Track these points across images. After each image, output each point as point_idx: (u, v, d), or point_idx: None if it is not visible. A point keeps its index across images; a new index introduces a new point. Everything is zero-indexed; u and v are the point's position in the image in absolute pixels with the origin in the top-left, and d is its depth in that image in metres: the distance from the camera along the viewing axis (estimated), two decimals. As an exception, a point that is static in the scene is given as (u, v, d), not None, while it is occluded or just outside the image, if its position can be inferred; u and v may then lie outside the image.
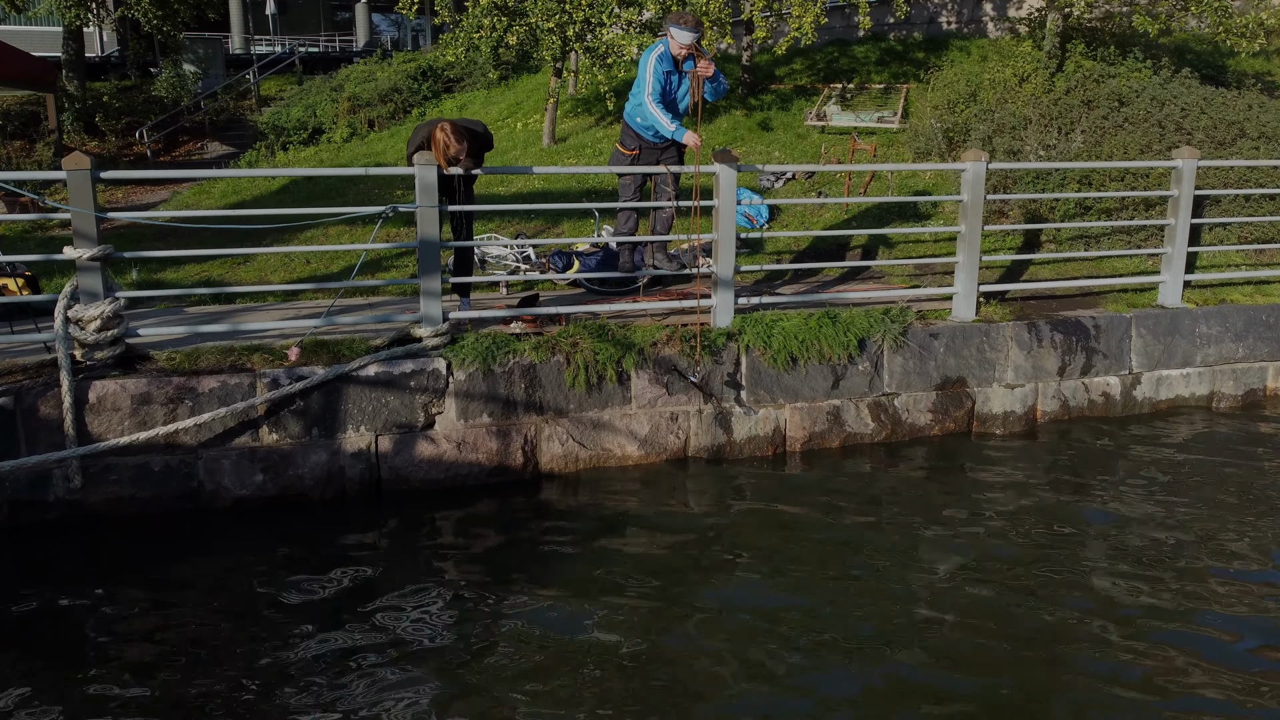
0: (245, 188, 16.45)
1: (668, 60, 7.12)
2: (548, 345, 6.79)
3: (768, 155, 12.47)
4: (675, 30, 7.00)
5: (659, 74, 7.06)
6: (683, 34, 6.96)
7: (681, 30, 6.96)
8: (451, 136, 6.48)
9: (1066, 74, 11.37)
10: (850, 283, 9.11)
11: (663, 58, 7.11)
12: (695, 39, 7.01)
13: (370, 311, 7.60)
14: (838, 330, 7.30)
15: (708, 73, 7.03)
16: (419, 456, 6.51)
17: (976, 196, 7.68)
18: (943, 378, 7.68)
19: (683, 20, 7.00)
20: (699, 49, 7.09)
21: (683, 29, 6.96)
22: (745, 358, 7.17)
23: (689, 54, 7.11)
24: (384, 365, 6.45)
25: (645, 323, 7.27)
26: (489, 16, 12.57)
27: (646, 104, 7.01)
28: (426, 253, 6.57)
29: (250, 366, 6.31)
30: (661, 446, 7.03)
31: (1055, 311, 8.26)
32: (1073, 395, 8.06)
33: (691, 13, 7.00)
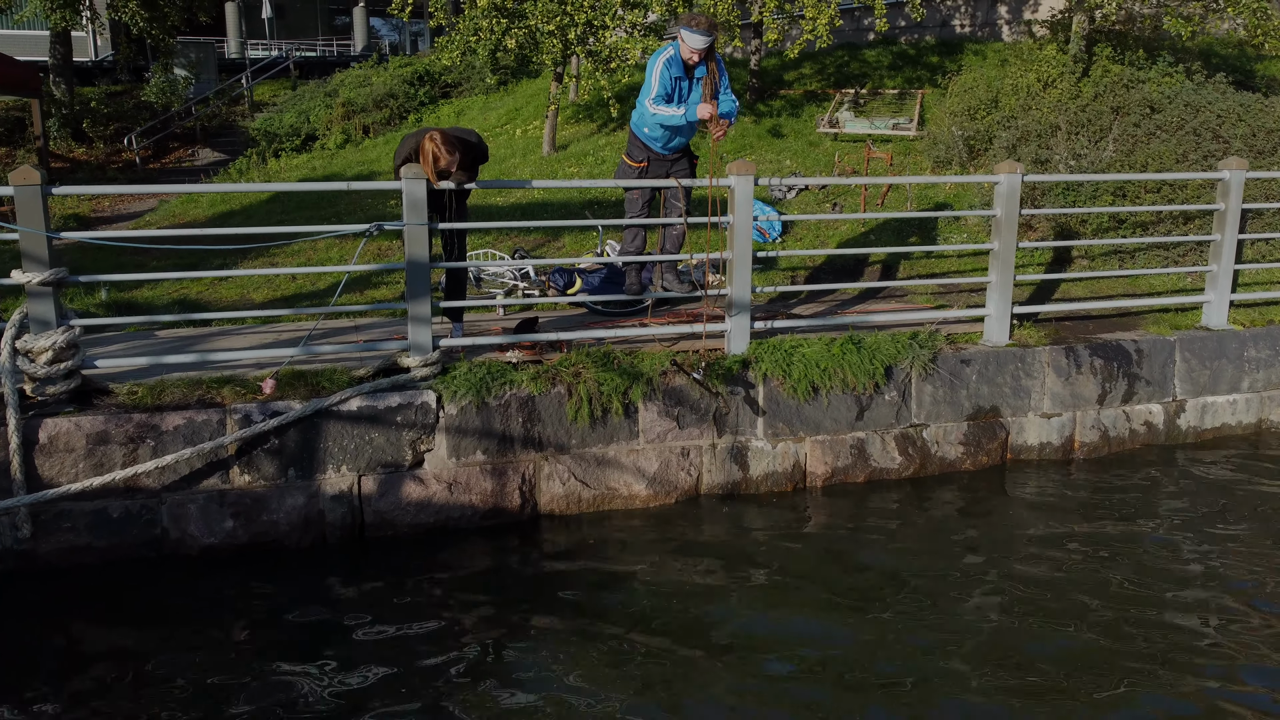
0: (234, 197, 15.87)
1: (677, 65, 6.54)
2: (547, 375, 6.21)
3: (778, 164, 11.90)
4: (686, 33, 6.42)
5: (666, 79, 6.48)
6: (694, 37, 6.38)
7: (693, 33, 6.38)
8: (442, 147, 5.91)
9: (1094, 79, 10.80)
10: (871, 302, 8.54)
11: (671, 62, 6.53)
12: (708, 43, 6.41)
13: (356, 336, 7.03)
14: (863, 357, 6.72)
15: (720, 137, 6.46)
16: (406, 498, 5.92)
17: (1011, 211, 7.11)
18: (975, 407, 7.10)
19: (694, 22, 6.41)
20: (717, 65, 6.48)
21: (694, 31, 6.38)
22: (763, 387, 6.60)
23: (701, 60, 6.51)
24: (368, 399, 5.87)
25: (654, 348, 6.70)
26: (487, 18, 12.00)
27: (646, 106, 6.43)
28: (415, 275, 6.00)
29: (220, 401, 5.73)
30: (672, 485, 6.45)
31: (1093, 334, 7.68)
32: (1113, 425, 7.48)
33: (704, 14, 6.42)
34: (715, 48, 6.56)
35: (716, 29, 6.43)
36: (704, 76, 6.52)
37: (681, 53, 6.46)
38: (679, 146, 6.73)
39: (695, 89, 6.57)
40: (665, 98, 6.46)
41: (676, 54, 6.49)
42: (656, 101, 6.46)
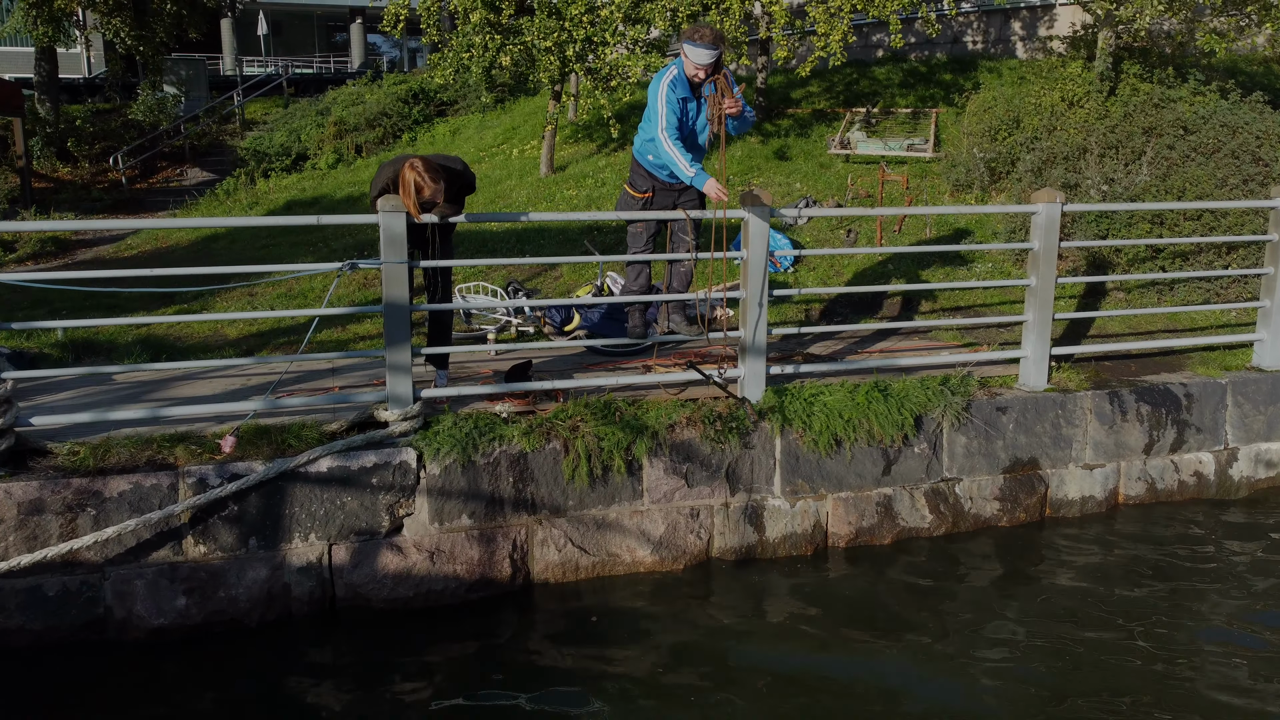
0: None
1: (683, 85, 5.90)
2: (541, 430, 5.58)
3: (787, 187, 11.30)
4: (690, 48, 5.78)
5: (674, 104, 5.83)
6: (699, 52, 5.75)
7: (697, 48, 5.74)
8: (424, 176, 5.28)
9: (1122, 98, 10.21)
10: (893, 339, 7.91)
11: (676, 83, 5.89)
12: (714, 58, 5.78)
13: (332, 382, 6.40)
14: (890, 406, 6.09)
15: (734, 110, 5.79)
16: (383, 570, 5.28)
17: (1050, 244, 6.49)
18: (1012, 459, 6.46)
19: (697, 35, 5.77)
20: (725, 78, 5.85)
21: (699, 46, 5.74)
22: (780, 440, 5.96)
23: (708, 77, 5.89)
24: (339, 458, 5.23)
25: (660, 396, 6.07)
26: (480, 35, 11.41)
27: (661, 141, 5.77)
28: (393, 319, 5.37)
29: (173, 462, 5.09)
30: (680, 549, 5.80)
31: (1137, 376, 7.05)
32: (1160, 476, 6.84)
33: (710, 27, 5.78)
34: (722, 61, 5.92)
35: (723, 41, 5.79)
36: (711, 95, 5.88)
37: (686, 70, 5.83)
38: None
39: (704, 110, 5.93)
40: (678, 125, 5.81)
41: (680, 74, 5.86)
42: (671, 136, 5.79)
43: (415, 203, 5.30)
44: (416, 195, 5.30)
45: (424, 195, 5.32)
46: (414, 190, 5.29)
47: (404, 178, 5.30)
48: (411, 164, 5.32)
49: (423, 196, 5.33)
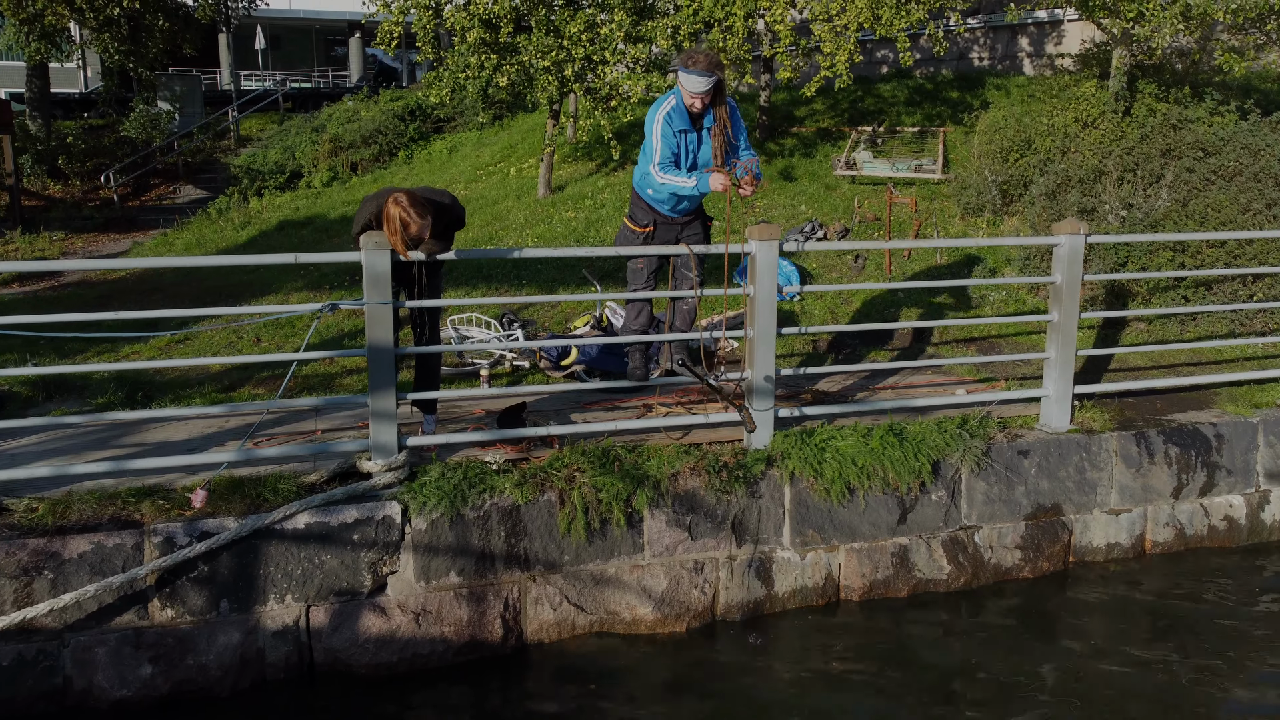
0: (210, 239, 15.00)
1: (680, 117, 5.50)
2: (535, 480, 5.22)
3: (792, 209, 10.97)
4: (685, 75, 5.35)
5: (670, 137, 5.45)
6: (693, 79, 5.32)
7: (691, 75, 5.31)
8: (410, 211, 4.94)
9: (1138, 119, 9.88)
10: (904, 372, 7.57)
11: (674, 115, 5.50)
12: (710, 85, 5.36)
13: (315, 425, 6.05)
14: (906, 452, 5.74)
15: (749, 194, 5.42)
16: (365, 632, 4.92)
17: (1073, 278, 6.15)
18: (1034, 505, 6.11)
19: (691, 61, 5.34)
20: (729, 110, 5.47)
21: (692, 72, 5.31)
22: (790, 489, 5.61)
23: (707, 106, 5.49)
24: (318, 514, 4.88)
25: (661, 440, 5.72)
26: (476, 54, 11.08)
27: (654, 175, 5.42)
28: (377, 363, 5.03)
29: (138, 519, 4.74)
30: (683, 606, 5.44)
31: (1163, 415, 6.70)
32: (1190, 521, 6.49)
33: (706, 51, 5.39)
34: (723, 88, 5.53)
35: (721, 67, 5.39)
36: (713, 126, 5.53)
37: (684, 99, 5.46)
38: (690, 209, 5.75)
39: (705, 143, 5.56)
40: (673, 159, 5.46)
41: (679, 103, 5.47)
42: (664, 167, 5.44)
43: (401, 240, 4.96)
44: (403, 232, 4.96)
45: (411, 232, 4.98)
46: (400, 227, 4.95)
47: (389, 214, 4.95)
48: (396, 199, 4.98)
49: (409, 233, 4.98)
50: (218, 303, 10.48)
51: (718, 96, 5.42)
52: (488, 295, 9.54)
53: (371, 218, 5.08)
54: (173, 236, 15.79)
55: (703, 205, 5.90)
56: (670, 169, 5.42)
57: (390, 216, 4.95)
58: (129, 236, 17.43)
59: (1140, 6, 9.07)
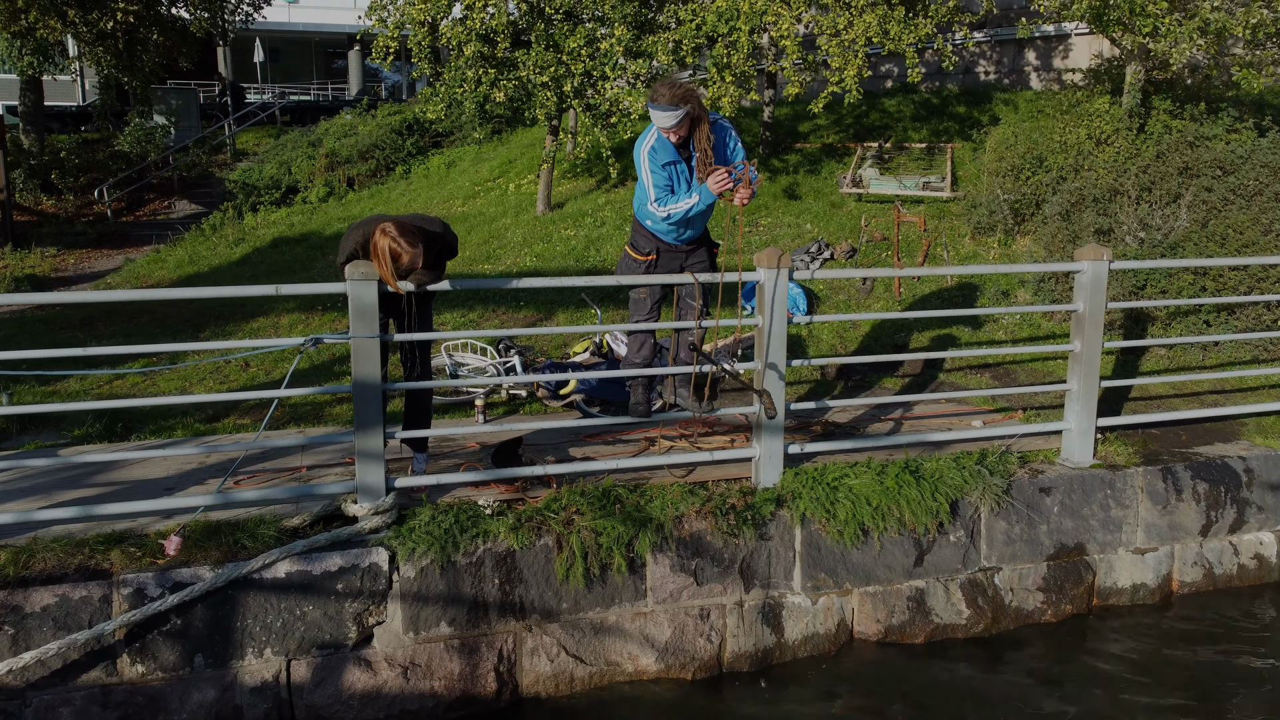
0: (204, 256, 14.72)
1: (665, 149, 5.18)
2: (531, 524, 4.92)
3: (798, 228, 10.69)
4: (653, 112, 5.06)
5: (659, 173, 5.16)
6: (660, 115, 5.02)
7: (657, 110, 5.01)
8: (401, 241, 4.65)
9: (1153, 135, 9.61)
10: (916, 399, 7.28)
11: (658, 148, 5.19)
12: (678, 119, 5.02)
13: (301, 461, 5.76)
14: (923, 491, 5.44)
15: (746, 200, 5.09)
16: (349, 688, 4.61)
17: (1096, 306, 5.86)
18: (1057, 545, 5.81)
19: (656, 97, 5.02)
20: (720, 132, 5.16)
21: (657, 108, 5.00)
22: (800, 530, 5.31)
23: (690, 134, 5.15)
24: (300, 561, 4.58)
25: (664, 479, 5.42)
26: (473, 69, 10.82)
27: (655, 212, 5.14)
28: (363, 400, 4.73)
29: (107, 568, 4.44)
30: (688, 655, 5.13)
31: (1189, 448, 6.41)
32: (1218, 559, 6.18)
33: (669, 82, 5.04)
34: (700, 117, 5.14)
35: (688, 98, 5.01)
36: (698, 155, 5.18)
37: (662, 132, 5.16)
38: (694, 236, 5.45)
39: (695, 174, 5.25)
40: (668, 190, 5.15)
41: (660, 136, 5.17)
42: (661, 202, 5.15)
43: (392, 271, 4.68)
44: (393, 264, 4.68)
45: (402, 263, 4.70)
46: (390, 258, 4.66)
47: (377, 245, 4.66)
48: (384, 229, 4.69)
49: (400, 264, 4.70)
50: (207, 324, 10.20)
51: (698, 126, 5.10)
52: (484, 317, 9.26)
53: (358, 247, 4.79)
54: (165, 253, 15.51)
55: (708, 232, 5.61)
56: (668, 200, 5.13)
57: (379, 248, 4.66)
58: (122, 252, 17.15)
59: (1155, 21, 8.82)
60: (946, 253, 9.59)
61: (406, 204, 16.04)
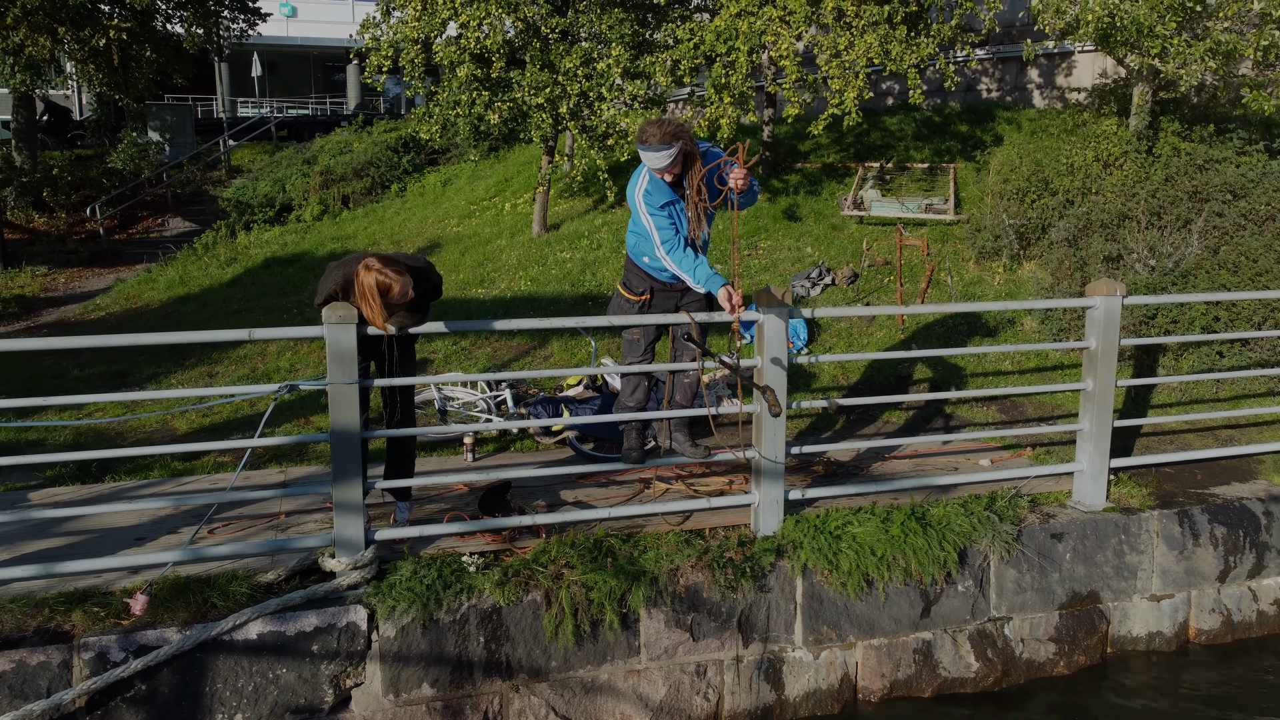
0: (195, 277, 14.51)
1: (660, 190, 4.94)
2: (519, 579, 4.68)
3: (798, 251, 10.47)
4: (643, 153, 4.83)
5: (660, 216, 4.92)
6: (651, 156, 4.79)
7: (648, 151, 4.78)
8: (388, 271, 4.42)
9: (1162, 158, 9.39)
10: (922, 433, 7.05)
11: (653, 190, 4.95)
12: (669, 159, 4.79)
13: (279, 506, 5.51)
14: (930, 539, 5.20)
15: (742, 184, 4.83)
16: (325, 755, 4.36)
17: (1109, 343, 5.62)
18: (1069, 594, 5.56)
19: (645, 137, 4.78)
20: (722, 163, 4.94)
21: (647, 148, 4.77)
22: (802, 581, 5.06)
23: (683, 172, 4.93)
24: (273, 621, 4.33)
25: (659, 527, 5.18)
26: (467, 91, 10.61)
27: (662, 259, 4.91)
28: (341, 449, 4.50)
29: (69, 630, 4.19)
30: (684, 714, 4.89)
31: (1206, 488, 6.17)
32: (1237, 606, 5.93)
33: (657, 121, 4.78)
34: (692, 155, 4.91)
35: (680, 135, 4.77)
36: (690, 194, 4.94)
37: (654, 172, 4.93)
38: None
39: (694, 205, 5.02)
40: (675, 234, 4.89)
41: (653, 177, 4.94)
42: (670, 249, 4.91)
43: (380, 309, 4.45)
44: (382, 298, 4.44)
45: (392, 295, 4.46)
46: (378, 293, 4.42)
47: (361, 283, 4.43)
48: (368, 264, 4.46)
49: (390, 298, 4.46)
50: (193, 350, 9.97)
51: (689, 162, 4.87)
52: (476, 344, 9.03)
53: (337, 288, 4.56)
54: (157, 273, 15.29)
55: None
56: (677, 249, 4.87)
57: (364, 286, 4.43)
58: (113, 271, 16.94)
59: (1164, 43, 8.60)
60: (950, 278, 9.36)
61: (401, 223, 15.82)
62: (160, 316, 12.25)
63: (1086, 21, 8.37)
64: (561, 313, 9.61)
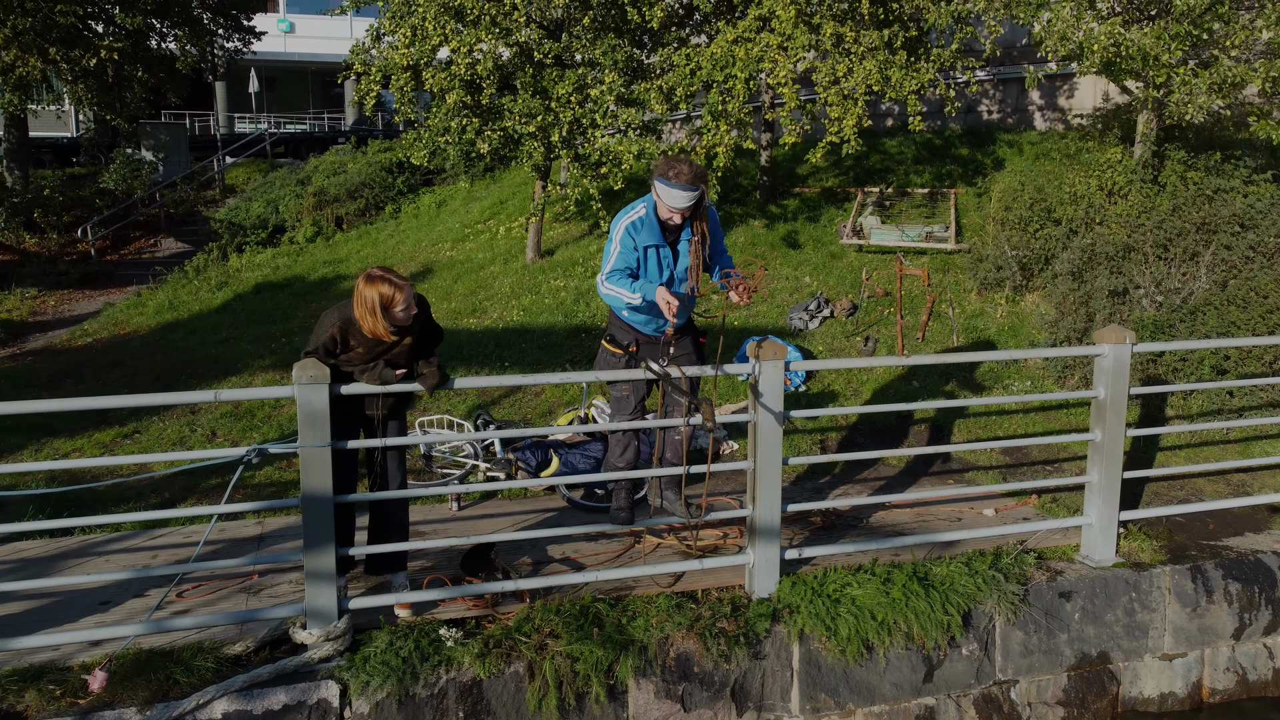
0: (184, 301, 14.29)
1: (650, 230, 4.72)
2: (500, 650, 4.45)
3: (796, 281, 10.26)
4: (664, 188, 4.57)
5: (629, 250, 4.71)
6: (674, 193, 4.57)
7: (672, 188, 4.55)
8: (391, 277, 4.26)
9: (1168, 188, 9.18)
10: (922, 480, 6.83)
11: (641, 226, 4.73)
12: (693, 200, 4.60)
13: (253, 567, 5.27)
14: (933, 601, 4.96)
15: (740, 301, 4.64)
16: (294, 840, 4.12)
17: (1119, 392, 5.40)
18: (1078, 655, 5.33)
19: (673, 172, 4.54)
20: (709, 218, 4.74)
21: (674, 186, 4.54)
22: (799, 647, 4.83)
23: (686, 220, 4.74)
24: (240, 699, 4.10)
25: (650, 589, 4.95)
26: (456, 119, 10.40)
27: (599, 285, 4.73)
28: (313, 515, 4.27)
29: (21, 711, 3.96)
30: (674, 789, 4.65)
31: (1218, 539, 5.94)
32: (1253, 664, 5.70)
33: (690, 160, 4.58)
34: (704, 199, 4.76)
35: (705, 178, 4.61)
36: (693, 240, 4.76)
37: (659, 212, 4.70)
38: (678, 325, 4.97)
39: (683, 257, 4.81)
40: (628, 272, 4.69)
41: (649, 215, 4.71)
42: (612, 278, 4.71)
43: (385, 323, 4.24)
44: (384, 312, 4.23)
45: (395, 307, 4.25)
46: (379, 307, 4.21)
47: (362, 296, 4.21)
48: (368, 274, 4.25)
49: (393, 310, 4.25)
50: (179, 383, 9.76)
51: (698, 208, 4.69)
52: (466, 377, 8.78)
53: (335, 332, 4.31)
54: (146, 297, 15.08)
55: (692, 320, 5.15)
56: (621, 281, 4.68)
57: (365, 300, 4.21)
58: (104, 294, 16.73)
59: (1169, 71, 8.40)
60: (952, 309, 9.15)
61: (395, 246, 15.62)
62: (147, 344, 12.03)
63: (1092, 51, 8.17)
64: (555, 345, 9.40)
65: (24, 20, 16.05)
